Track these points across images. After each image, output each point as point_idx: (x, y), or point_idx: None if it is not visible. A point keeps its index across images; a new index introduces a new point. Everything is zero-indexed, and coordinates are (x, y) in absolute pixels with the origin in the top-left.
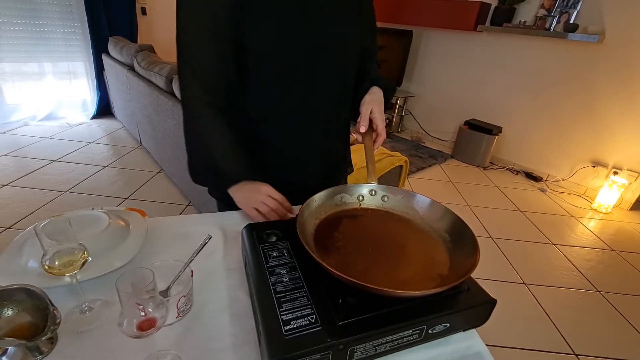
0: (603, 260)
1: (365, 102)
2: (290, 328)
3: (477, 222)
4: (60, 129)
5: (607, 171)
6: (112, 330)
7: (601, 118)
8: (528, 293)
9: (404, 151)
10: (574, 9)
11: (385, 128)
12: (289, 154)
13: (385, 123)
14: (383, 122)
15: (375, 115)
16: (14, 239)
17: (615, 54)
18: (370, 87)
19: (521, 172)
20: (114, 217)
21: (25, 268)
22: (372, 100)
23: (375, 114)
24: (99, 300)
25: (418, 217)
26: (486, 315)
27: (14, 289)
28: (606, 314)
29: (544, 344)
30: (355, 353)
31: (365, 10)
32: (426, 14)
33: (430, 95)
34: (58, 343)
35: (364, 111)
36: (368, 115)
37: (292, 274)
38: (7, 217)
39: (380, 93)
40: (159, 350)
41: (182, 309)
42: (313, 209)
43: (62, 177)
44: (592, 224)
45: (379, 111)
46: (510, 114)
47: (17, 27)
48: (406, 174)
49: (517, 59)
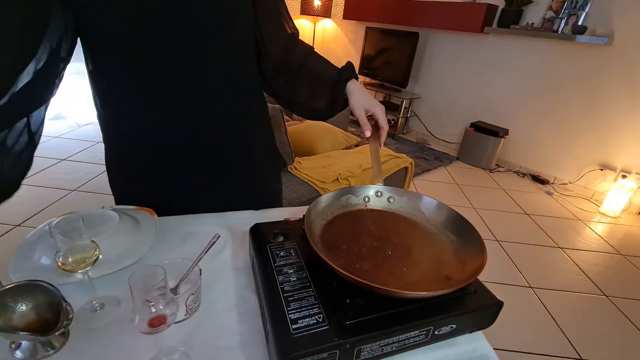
0: (611, 264)
1: (355, 105)
2: (298, 327)
3: (483, 224)
4: (68, 129)
5: (615, 174)
6: (123, 327)
7: (609, 121)
8: (534, 297)
9: (409, 153)
10: (582, 10)
11: (384, 118)
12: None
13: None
14: (382, 112)
15: (371, 111)
16: (27, 237)
17: (624, 57)
18: (344, 87)
19: (528, 175)
20: (124, 215)
21: (38, 265)
22: (359, 99)
23: (370, 109)
24: (110, 297)
25: (424, 218)
26: (493, 317)
27: (27, 284)
28: (613, 318)
29: (550, 348)
30: (362, 353)
31: None
32: (432, 16)
33: (436, 97)
34: (70, 338)
35: (360, 116)
36: (365, 118)
37: (299, 274)
38: (17, 215)
39: (358, 85)
40: (168, 347)
41: (191, 307)
42: (320, 210)
43: (70, 175)
44: (600, 227)
45: (371, 104)
46: (517, 116)
47: None
48: (411, 175)
49: (524, 61)
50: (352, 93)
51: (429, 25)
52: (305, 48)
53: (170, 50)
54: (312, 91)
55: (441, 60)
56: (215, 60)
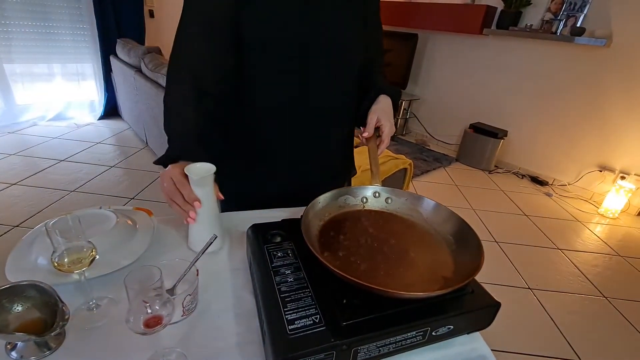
0: (610, 266)
1: (372, 110)
2: (295, 328)
3: (482, 225)
4: (68, 129)
5: (614, 176)
6: (119, 327)
7: (608, 122)
8: (533, 298)
9: (408, 154)
10: (581, 12)
11: (390, 135)
12: (288, 153)
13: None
14: (390, 129)
15: (381, 123)
16: (24, 237)
17: (622, 58)
18: (377, 96)
19: (527, 176)
20: (121, 216)
21: (35, 265)
22: (378, 108)
23: (382, 121)
24: (106, 298)
25: (422, 219)
26: (490, 318)
27: (24, 285)
28: (612, 320)
29: (549, 350)
30: (359, 354)
31: (371, 23)
32: (432, 18)
33: (435, 99)
34: (66, 339)
35: (370, 120)
36: (374, 124)
37: (296, 274)
38: (15, 216)
39: (387, 100)
40: (165, 347)
41: (188, 307)
42: (317, 210)
43: (69, 176)
44: (599, 229)
45: (386, 118)
46: (516, 118)
47: (27, 29)
48: (410, 177)
49: (523, 62)
50: (377, 102)
51: (428, 26)
52: (378, 68)
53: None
54: None
55: (440, 62)
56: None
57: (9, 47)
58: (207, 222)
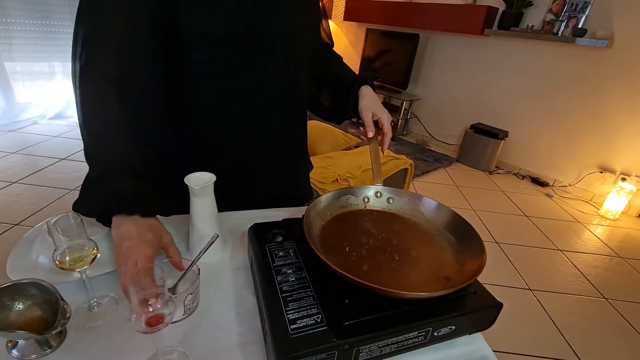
0: (610, 267)
1: (364, 107)
2: (296, 327)
3: (482, 226)
4: (68, 128)
5: (614, 177)
6: (120, 326)
7: (609, 123)
8: (534, 299)
9: (409, 154)
10: (582, 13)
11: (389, 123)
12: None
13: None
14: (388, 118)
15: (378, 116)
16: (25, 235)
17: (623, 59)
18: (359, 89)
19: (527, 177)
20: None
21: (36, 263)
22: (369, 102)
23: (378, 114)
24: (107, 297)
25: (424, 219)
26: (492, 319)
27: (25, 283)
28: (613, 321)
29: (549, 351)
30: (361, 354)
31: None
32: (433, 18)
33: (436, 99)
34: (67, 338)
35: (366, 118)
36: (371, 121)
37: (298, 274)
38: (16, 214)
39: (370, 90)
40: (166, 347)
41: (189, 306)
42: (319, 210)
43: (69, 175)
44: (599, 230)
45: (380, 110)
46: (517, 118)
47: (28, 28)
48: (411, 177)
49: (524, 63)
50: (363, 96)
51: (429, 27)
52: (334, 56)
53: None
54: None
55: (441, 62)
56: (290, 61)
57: (9, 45)
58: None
